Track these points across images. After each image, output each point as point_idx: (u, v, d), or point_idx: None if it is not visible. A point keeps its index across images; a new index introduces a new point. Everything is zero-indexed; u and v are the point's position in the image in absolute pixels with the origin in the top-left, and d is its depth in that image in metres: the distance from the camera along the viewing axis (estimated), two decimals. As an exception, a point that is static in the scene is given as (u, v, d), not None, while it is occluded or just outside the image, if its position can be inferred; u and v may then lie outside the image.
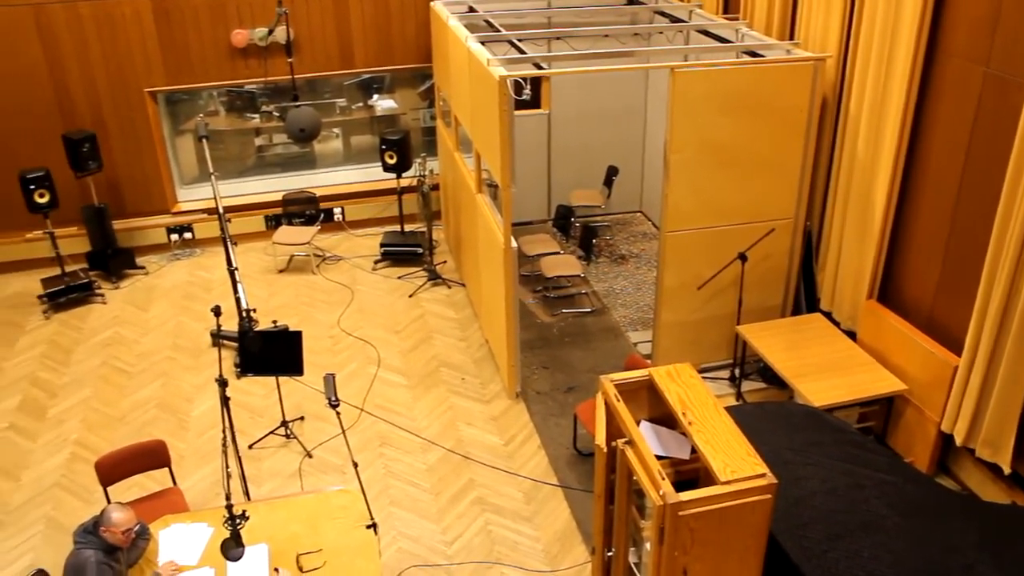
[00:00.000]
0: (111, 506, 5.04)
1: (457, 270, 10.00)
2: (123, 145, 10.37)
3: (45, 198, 9.48)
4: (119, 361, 8.76)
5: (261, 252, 10.71)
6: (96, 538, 4.96)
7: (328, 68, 10.47)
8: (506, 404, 7.79)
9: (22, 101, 9.92)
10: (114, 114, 10.22)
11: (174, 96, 10.79)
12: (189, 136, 11.13)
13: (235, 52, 10.18)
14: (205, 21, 9.99)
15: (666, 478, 4.04)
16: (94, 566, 4.84)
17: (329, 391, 5.37)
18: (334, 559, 5.13)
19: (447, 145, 9.69)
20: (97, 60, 9.93)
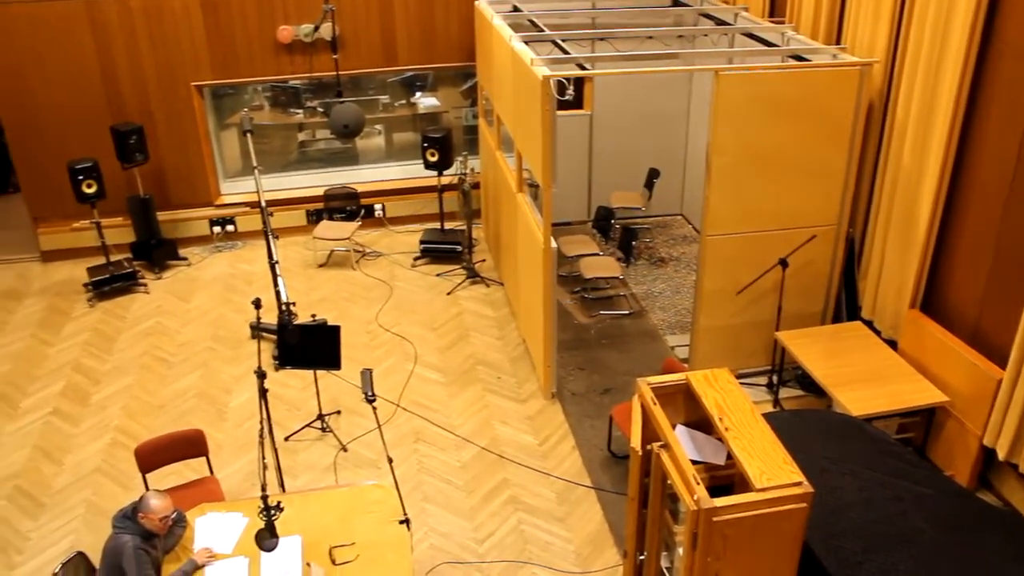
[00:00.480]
0: (149, 493, 5.12)
1: (496, 269, 10.01)
2: (169, 138, 10.51)
3: (93, 188, 9.64)
4: (160, 350, 8.89)
5: (302, 246, 10.80)
6: (134, 524, 5.04)
7: (372, 65, 10.53)
8: (541, 404, 7.79)
9: (73, 93, 10.10)
10: (161, 107, 10.36)
11: (220, 90, 10.92)
12: (233, 130, 11.25)
13: (280, 48, 10.27)
14: (252, 17, 10.10)
15: (701, 483, 4.02)
16: (132, 551, 4.93)
17: (366, 386, 5.40)
18: (366, 553, 5.17)
19: (488, 144, 9.71)
20: (146, 54, 10.08)
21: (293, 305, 7.12)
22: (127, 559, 4.91)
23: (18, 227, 11.31)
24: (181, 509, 5.45)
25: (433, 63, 10.67)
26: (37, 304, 9.91)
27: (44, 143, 10.23)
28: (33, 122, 10.16)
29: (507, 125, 8.45)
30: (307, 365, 6.87)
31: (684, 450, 4.32)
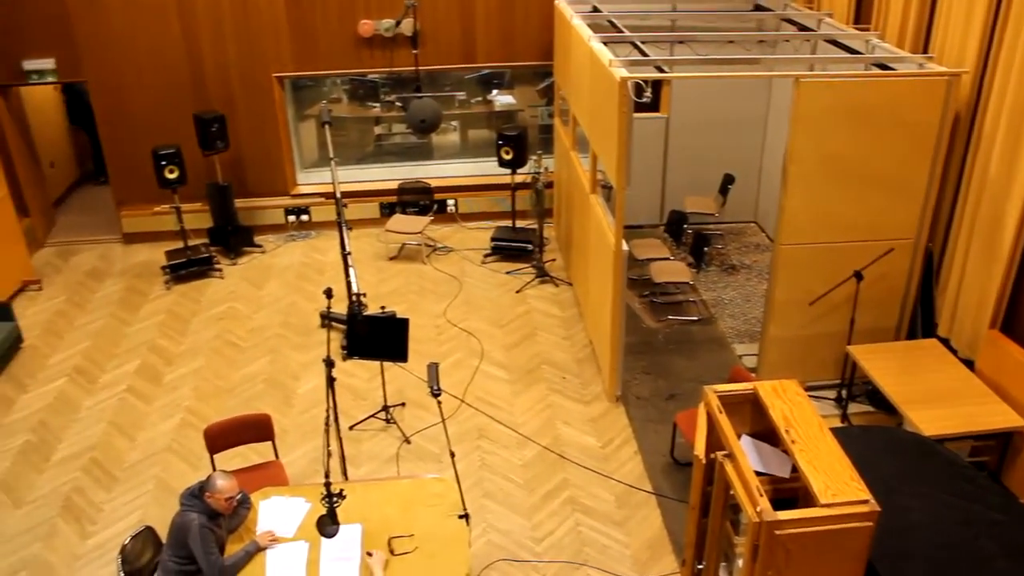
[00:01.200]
0: (216, 473, 5.24)
1: (565, 269, 10.01)
2: (249, 127, 10.73)
3: (175, 174, 9.89)
4: (232, 335, 9.08)
5: (374, 239, 10.92)
6: (201, 502, 5.16)
7: (450, 61, 10.60)
8: (605, 406, 7.76)
9: (160, 81, 10.38)
10: (243, 97, 10.57)
11: (300, 82, 11.10)
12: (312, 121, 11.43)
13: (361, 42, 10.40)
14: (334, 11, 10.24)
15: (764, 495, 3.97)
16: (197, 528, 5.04)
17: (432, 380, 5.44)
18: (425, 545, 5.20)
19: (563, 144, 9.70)
20: (230, 44, 10.30)
21: (363, 296, 7.21)
22: (192, 536, 5.03)
23: (105, 211, 11.67)
24: (246, 491, 5.56)
25: (511, 61, 10.70)
26: (117, 284, 10.20)
27: (131, 129, 10.54)
28: (122, 108, 10.47)
29: (583, 125, 8.44)
30: (374, 356, 6.95)
31: (748, 460, 4.27)
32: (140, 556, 5.38)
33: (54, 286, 10.23)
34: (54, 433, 7.71)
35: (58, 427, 7.79)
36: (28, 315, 9.54)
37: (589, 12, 9.05)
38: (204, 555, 5.02)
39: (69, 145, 12.91)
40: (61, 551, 6.46)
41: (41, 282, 10.24)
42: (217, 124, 10.11)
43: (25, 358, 8.82)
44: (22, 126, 11.03)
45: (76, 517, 6.76)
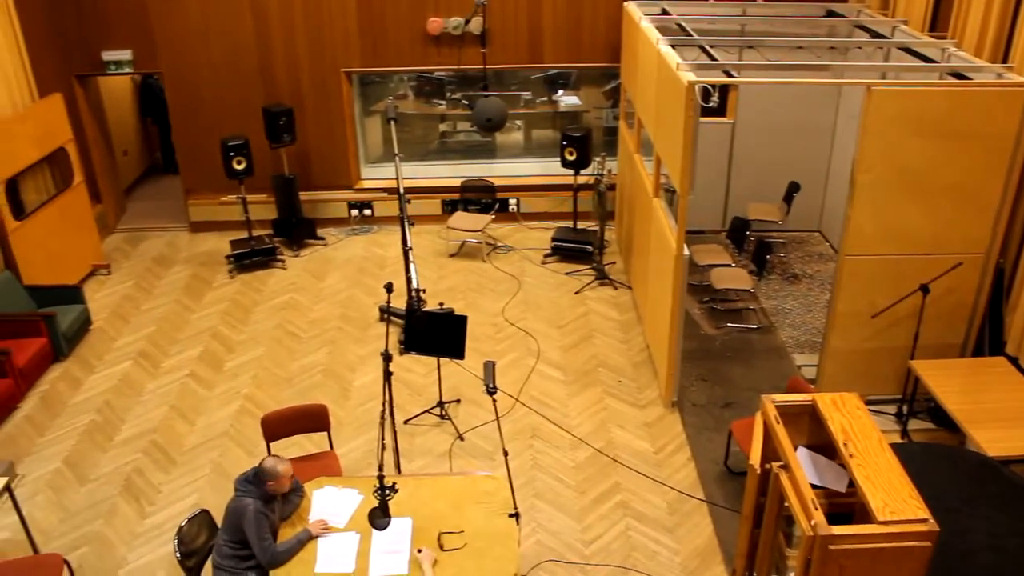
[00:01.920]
0: (273, 459, 5.30)
1: (625, 272, 9.96)
2: (316, 121, 10.87)
3: (242, 165, 10.07)
4: (292, 325, 9.21)
5: (435, 235, 10.99)
6: (256, 488, 5.24)
7: (517, 61, 10.62)
8: (660, 412, 7.71)
9: (231, 74, 10.57)
10: (311, 91, 10.72)
11: (367, 78, 11.21)
12: (377, 117, 11.54)
13: (429, 39, 10.47)
14: (404, 7, 10.33)
15: (819, 508, 3.91)
16: (253, 514, 5.12)
17: (488, 378, 5.46)
18: (474, 542, 5.23)
19: (627, 146, 9.66)
20: (301, 39, 10.45)
21: (423, 292, 7.26)
22: (247, 521, 5.12)
23: (173, 199, 11.91)
24: (300, 480, 5.64)
25: (578, 62, 10.69)
26: (183, 271, 10.42)
27: (202, 120, 10.76)
28: (194, 99, 10.69)
29: (648, 128, 8.39)
30: (432, 352, 6.99)
31: (804, 473, 4.21)
32: (196, 538, 5.50)
33: (122, 271, 10.48)
34: (118, 414, 7.90)
35: (122, 408, 7.98)
36: (97, 298, 9.79)
37: (658, 15, 9.01)
38: (258, 540, 5.10)
39: (141, 135, 13.21)
40: (120, 529, 6.62)
41: (110, 267, 10.50)
42: (285, 117, 10.27)
43: (93, 340, 9.05)
44: (99, 115, 11.32)
45: (136, 496, 6.93)
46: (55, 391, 8.27)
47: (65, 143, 9.84)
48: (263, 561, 5.12)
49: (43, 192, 9.63)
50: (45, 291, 8.99)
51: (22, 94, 9.31)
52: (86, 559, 6.35)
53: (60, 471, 7.24)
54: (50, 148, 9.57)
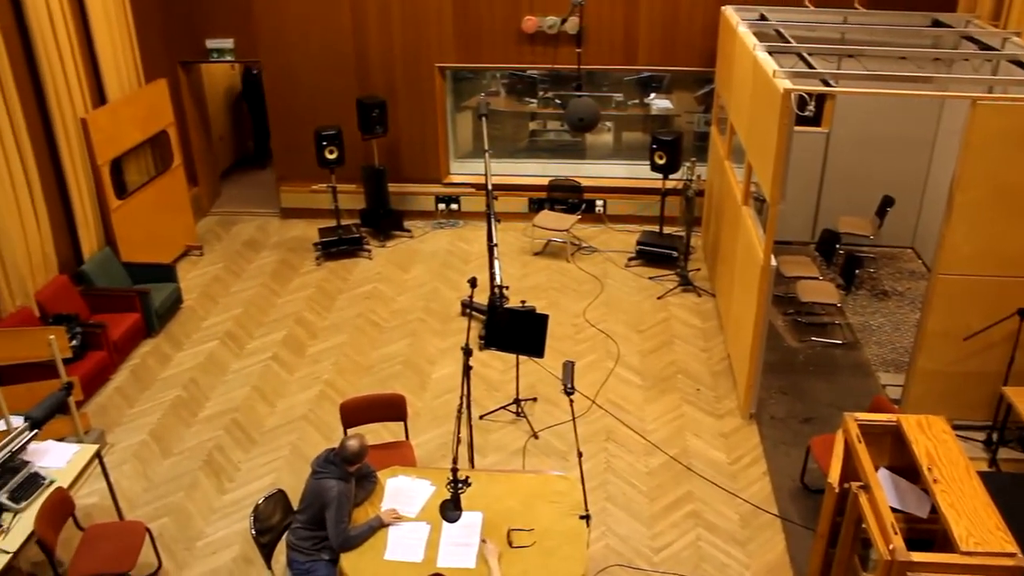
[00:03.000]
0: (355, 439, 5.34)
1: (709, 279, 9.85)
2: (408, 114, 11.00)
3: (334, 155, 10.26)
4: (375, 314, 9.34)
5: (520, 233, 11.02)
6: (337, 468, 5.30)
7: (611, 62, 10.58)
8: (738, 423, 7.61)
9: (328, 65, 10.78)
10: (404, 84, 10.85)
11: (460, 73, 11.31)
12: (468, 113, 11.63)
13: (523, 37, 10.50)
14: (500, 5, 10.38)
15: (899, 533, 3.82)
16: (336, 496, 5.19)
17: (567, 378, 5.45)
18: (543, 541, 5.23)
19: (718, 152, 9.55)
20: (396, 33, 10.58)
21: (506, 289, 7.30)
22: (331, 502, 5.17)
23: (265, 186, 12.20)
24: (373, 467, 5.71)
25: (672, 65, 10.60)
26: (271, 256, 10.66)
27: (297, 109, 10.99)
28: (291, 89, 10.93)
29: (740, 135, 8.28)
30: (511, 349, 7.02)
31: (885, 495, 4.11)
32: (271, 516, 5.62)
33: (214, 253, 10.78)
34: (203, 391, 8.13)
35: (207, 386, 8.21)
36: (189, 278, 10.09)
37: (756, 20, 8.88)
38: (336, 522, 5.16)
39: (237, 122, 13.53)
40: (200, 503, 6.82)
41: (203, 248, 10.81)
42: (378, 109, 10.42)
43: (183, 318, 9.33)
44: (199, 101, 11.66)
45: (216, 472, 7.12)
46: (145, 365, 8.55)
47: (167, 126, 10.16)
48: (335, 543, 5.19)
49: (144, 173, 9.97)
50: (141, 268, 9.31)
51: (130, 79, 9.64)
52: (166, 529, 6.55)
53: (146, 443, 7.49)
54: (153, 131, 9.90)
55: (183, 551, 6.38)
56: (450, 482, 4.98)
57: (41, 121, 8.36)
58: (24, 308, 7.89)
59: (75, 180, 8.69)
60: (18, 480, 5.84)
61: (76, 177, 8.70)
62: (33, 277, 8.10)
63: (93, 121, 8.84)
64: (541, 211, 10.85)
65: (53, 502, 5.73)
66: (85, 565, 5.68)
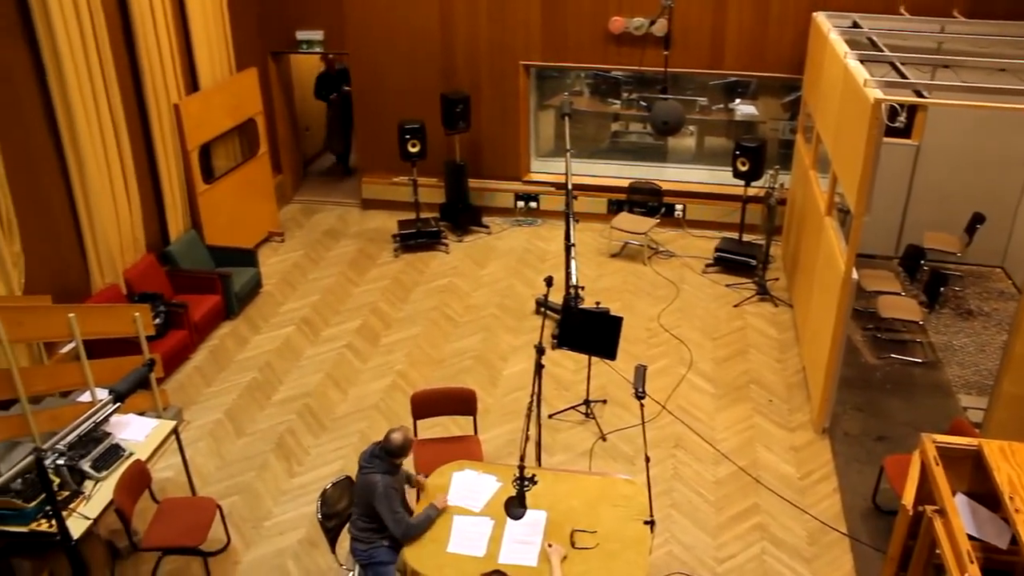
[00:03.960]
0: (400, 433, 5.34)
1: (788, 290, 9.69)
2: (491, 111, 11.05)
3: (416, 148, 10.36)
4: (449, 308, 9.41)
5: (597, 234, 10.99)
6: (381, 462, 5.34)
7: (697, 66, 10.47)
8: (810, 437, 7.47)
9: (414, 59, 10.89)
10: (489, 81, 10.90)
11: (544, 72, 11.31)
12: (551, 111, 11.63)
13: (609, 38, 10.46)
14: (587, 5, 10.35)
15: (975, 562, 3.71)
16: (383, 490, 5.23)
17: (638, 382, 5.42)
18: (606, 544, 5.21)
19: (803, 161, 9.39)
20: (483, 29, 10.64)
21: (581, 289, 7.28)
22: (378, 497, 5.22)
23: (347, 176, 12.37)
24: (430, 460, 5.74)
25: (759, 71, 10.44)
26: (351, 246, 10.82)
27: (382, 101, 11.13)
28: (376, 81, 11.07)
29: (826, 144, 8.12)
30: (584, 349, 7.01)
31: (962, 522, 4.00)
32: (337, 502, 5.70)
33: (295, 240, 10.98)
34: (277, 375, 8.30)
35: (281, 370, 8.37)
36: (269, 263, 10.29)
37: (848, 27, 8.69)
38: (391, 514, 5.21)
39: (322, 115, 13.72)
40: (270, 484, 6.96)
41: (284, 235, 11.02)
42: (462, 105, 10.48)
43: (262, 302, 9.53)
44: (287, 91, 11.88)
45: (286, 455, 7.26)
46: (223, 347, 8.75)
47: (255, 115, 10.38)
48: (398, 534, 5.23)
49: (231, 159, 10.20)
50: (223, 252, 9.53)
51: (222, 67, 9.87)
52: (236, 507, 6.70)
53: (221, 422, 7.67)
54: (241, 118, 10.12)
55: (251, 530, 6.52)
56: (516, 479, 5.00)
57: (137, 106, 8.62)
58: (113, 285, 8.15)
59: (166, 164, 8.93)
60: (100, 450, 6.04)
61: (167, 161, 8.94)
62: (122, 256, 8.35)
63: (185, 107, 9.08)
64: (620, 213, 10.80)
65: (132, 473, 5.91)
66: (158, 536, 5.85)
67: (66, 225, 7.82)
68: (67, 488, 5.73)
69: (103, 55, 7.91)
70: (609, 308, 8.55)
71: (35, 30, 7.22)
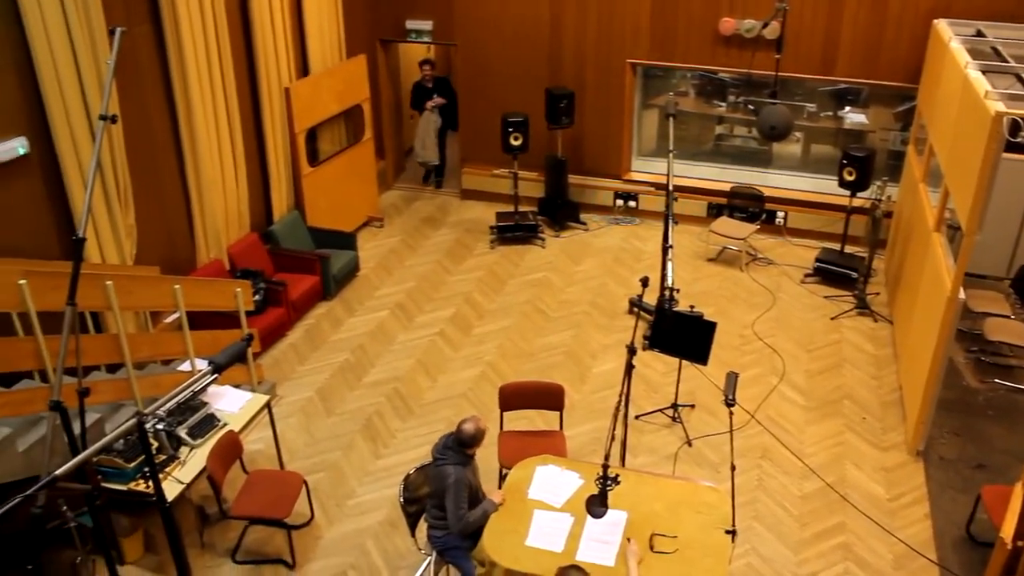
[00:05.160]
0: (473, 423, 5.38)
1: (888, 305, 9.41)
2: (595, 107, 11.01)
3: (519, 141, 10.40)
4: (542, 303, 9.43)
5: (695, 237, 10.86)
6: (455, 454, 5.38)
7: (807, 71, 10.22)
8: (903, 458, 7.25)
9: (521, 53, 10.92)
10: (594, 78, 10.86)
11: (650, 71, 11.22)
12: (655, 111, 11.53)
13: (718, 39, 10.30)
14: (698, 4, 10.21)
15: (1074, 599, 3.55)
16: (454, 483, 5.27)
17: (729, 389, 5.35)
18: (685, 550, 5.15)
19: (913, 174, 9.10)
20: (592, 26, 10.60)
21: (676, 292, 7.21)
22: (449, 489, 5.26)
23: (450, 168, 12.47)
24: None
25: (872, 79, 10.13)
26: (448, 235, 10.93)
27: (487, 93, 11.20)
28: (483, 73, 11.15)
29: (939, 157, 7.85)
30: (675, 352, 6.95)
31: (1062, 557, 3.83)
32: (420, 487, 5.77)
33: (393, 226, 11.14)
34: (369, 358, 8.44)
35: (373, 353, 8.51)
36: (368, 247, 10.48)
37: (971, 36, 8.38)
38: (455, 507, 5.25)
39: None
40: (355, 464, 7.09)
41: (383, 220, 11.20)
42: (566, 100, 10.47)
43: (358, 285, 9.71)
44: (394, 79, 12.05)
45: (372, 437, 7.38)
46: (319, 327, 8.94)
47: (362, 101, 10.56)
48: (454, 528, 5.29)
49: (336, 143, 10.41)
50: (323, 234, 9.73)
51: (333, 53, 10.08)
52: (321, 484, 6.85)
53: (312, 400, 7.84)
54: (348, 104, 10.32)
55: (334, 507, 6.66)
56: (599, 478, 4.98)
57: (250, 89, 8.86)
58: (217, 260, 8.41)
59: (273, 145, 9.16)
60: (196, 418, 6.26)
61: (275, 142, 9.18)
62: (227, 232, 8.61)
63: (295, 90, 9.29)
64: (720, 217, 10.65)
65: (225, 443, 6.10)
66: (246, 506, 6.02)
67: (177, 200, 8.09)
68: (164, 452, 5.95)
69: (221, 38, 8.16)
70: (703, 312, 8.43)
71: (160, 11, 7.49)
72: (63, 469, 3.41)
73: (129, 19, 7.22)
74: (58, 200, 6.74)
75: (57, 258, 6.61)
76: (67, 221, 6.82)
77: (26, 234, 6.50)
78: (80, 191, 6.70)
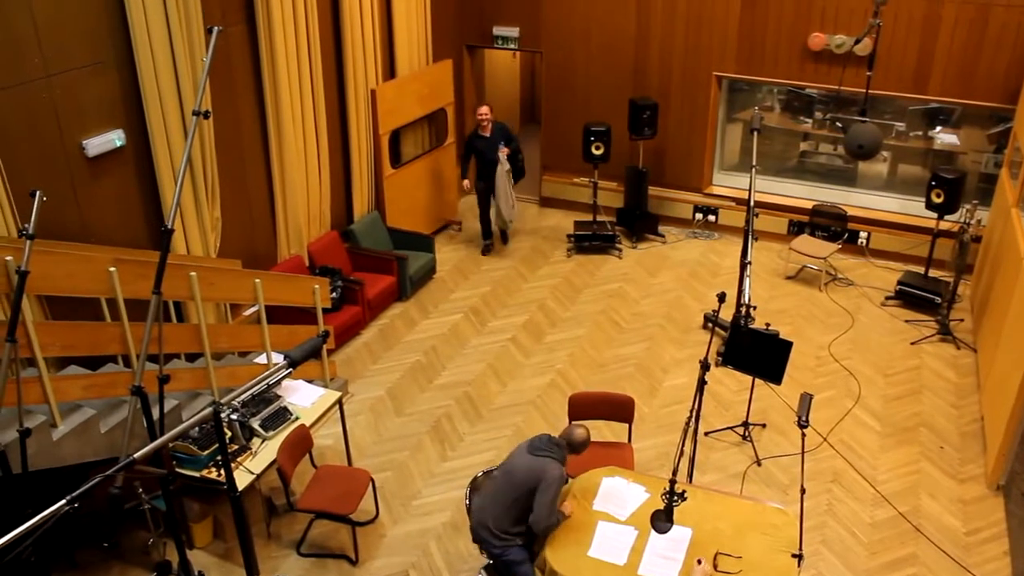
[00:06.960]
0: (583, 430, 5.46)
1: (972, 333, 9.13)
2: (679, 120, 10.93)
3: (600, 151, 10.39)
4: (616, 314, 9.39)
5: (775, 254, 10.70)
6: (560, 450, 5.37)
7: (898, 88, 9.99)
8: (981, 492, 7.03)
9: (606, 62, 10.91)
10: (679, 90, 10.79)
11: (736, 84, 11.09)
12: (739, 125, 11.40)
13: (807, 54, 10.13)
14: (788, 18, 10.06)
15: None
16: (556, 480, 5.23)
17: (802, 410, 5.26)
18: (749, 572, 5.08)
19: (1005, 198, 8.82)
20: (679, 38, 10.53)
21: (753, 309, 7.12)
22: (551, 484, 5.19)
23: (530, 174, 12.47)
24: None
25: (965, 98, 9.84)
26: (525, 242, 10.96)
27: (570, 101, 11.22)
28: (567, 81, 11.17)
29: (1034, 184, 7.62)
30: (749, 370, 6.86)
31: None
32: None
33: (471, 231, 11.21)
34: (441, 360, 8.51)
35: (445, 356, 8.58)
36: (444, 251, 10.57)
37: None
38: (549, 503, 5.18)
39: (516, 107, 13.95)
40: (422, 465, 7.16)
41: (462, 224, 11.28)
42: (649, 111, 10.42)
43: (434, 287, 9.80)
44: (479, 85, 12.14)
45: (440, 439, 7.44)
46: (393, 327, 9.06)
47: (446, 105, 10.67)
48: (542, 525, 5.20)
49: (419, 146, 10.53)
50: (402, 235, 9.86)
51: (420, 57, 10.21)
52: (387, 482, 6.93)
53: (382, 399, 7.94)
54: (432, 108, 10.43)
55: (399, 506, 6.73)
56: (666, 492, 4.94)
57: (337, 89, 9.03)
58: (297, 256, 8.58)
59: (358, 145, 9.32)
60: (270, 411, 6.39)
61: (359, 142, 9.33)
62: (308, 229, 8.78)
63: (381, 93, 9.43)
64: (800, 235, 10.47)
65: (295, 437, 6.21)
66: (313, 499, 6.12)
67: (261, 196, 8.28)
68: (237, 442, 6.09)
69: (312, 40, 8.34)
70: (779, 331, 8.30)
71: (255, 12, 7.69)
72: (141, 452, 3.51)
73: (225, 19, 7.43)
74: (149, 192, 6.97)
75: (145, 248, 6.83)
76: (156, 212, 7.04)
77: (117, 223, 6.74)
78: (170, 184, 6.92)
